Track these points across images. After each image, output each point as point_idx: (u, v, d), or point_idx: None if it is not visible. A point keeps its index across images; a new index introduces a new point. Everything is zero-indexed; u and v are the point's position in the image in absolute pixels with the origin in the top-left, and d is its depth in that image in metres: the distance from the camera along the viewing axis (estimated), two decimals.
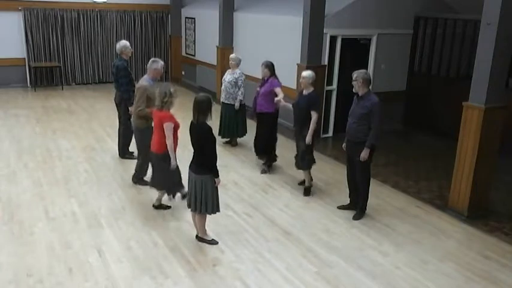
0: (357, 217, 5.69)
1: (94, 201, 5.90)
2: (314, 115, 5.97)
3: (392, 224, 5.61)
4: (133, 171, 6.46)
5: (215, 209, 4.88)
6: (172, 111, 5.36)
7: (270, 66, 6.93)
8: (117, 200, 5.94)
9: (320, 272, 4.55)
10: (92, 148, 7.89)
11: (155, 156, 5.49)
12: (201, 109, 4.64)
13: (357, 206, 5.76)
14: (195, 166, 4.78)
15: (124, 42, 7.16)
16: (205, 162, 4.70)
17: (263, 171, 7.11)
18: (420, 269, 4.66)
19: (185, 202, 5.06)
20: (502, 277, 4.58)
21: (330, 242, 5.14)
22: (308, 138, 6.03)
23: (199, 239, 5.01)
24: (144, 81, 6.05)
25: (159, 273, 4.44)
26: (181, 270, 4.50)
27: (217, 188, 4.83)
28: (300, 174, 6.62)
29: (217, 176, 4.75)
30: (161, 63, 6.10)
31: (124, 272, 4.44)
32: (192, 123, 4.75)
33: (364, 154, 5.39)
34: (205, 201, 4.77)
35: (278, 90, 6.81)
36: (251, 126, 7.86)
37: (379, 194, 6.39)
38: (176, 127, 5.31)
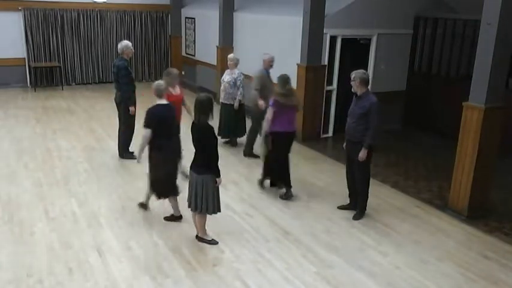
0: (357, 217, 5.69)
1: (94, 201, 5.90)
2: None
3: (392, 224, 5.61)
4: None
5: (216, 209, 4.88)
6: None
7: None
8: (117, 200, 5.95)
9: (320, 272, 4.55)
10: (92, 148, 7.89)
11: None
12: (203, 109, 4.65)
13: (357, 206, 5.76)
14: (196, 166, 4.78)
15: (126, 42, 7.17)
16: (206, 162, 4.71)
17: None
18: (420, 269, 4.67)
19: (184, 201, 5.06)
20: (502, 277, 4.58)
21: (330, 242, 5.14)
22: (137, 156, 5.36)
23: (199, 239, 5.01)
24: (259, 72, 7.31)
25: (159, 273, 4.44)
26: (181, 270, 4.51)
27: (218, 188, 4.84)
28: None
29: (219, 175, 4.76)
30: (270, 55, 7.46)
31: (124, 272, 4.44)
32: (193, 123, 4.76)
33: (362, 154, 5.39)
34: (206, 201, 4.78)
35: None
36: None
37: (379, 194, 6.39)
38: None
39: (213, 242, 4.98)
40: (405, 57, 9.56)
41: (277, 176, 6.31)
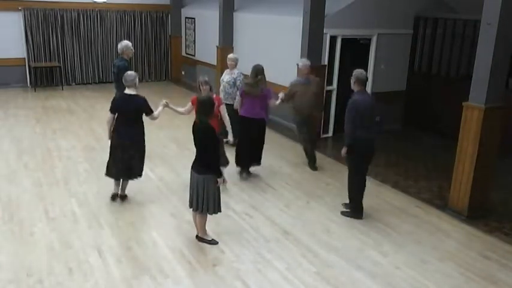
0: (343, 212, 5.74)
1: (94, 201, 5.90)
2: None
3: (393, 224, 5.61)
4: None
5: (216, 209, 4.88)
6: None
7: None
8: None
9: (320, 272, 4.55)
10: (92, 148, 7.88)
11: None
12: (204, 109, 4.68)
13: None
14: (197, 166, 4.78)
15: (126, 43, 7.17)
16: (208, 162, 4.71)
17: None
18: (420, 269, 4.67)
19: (187, 201, 5.06)
20: (502, 277, 4.58)
21: (330, 242, 5.14)
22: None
23: (199, 239, 5.01)
24: (296, 80, 7.06)
25: (159, 273, 4.44)
26: (181, 270, 4.51)
27: (219, 188, 4.84)
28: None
29: (220, 176, 4.77)
30: (304, 62, 6.96)
31: (124, 272, 4.44)
32: (195, 123, 4.78)
33: (342, 151, 5.52)
34: (206, 201, 4.78)
35: None
36: None
37: (379, 194, 6.39)
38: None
39: (213, 242, 4.98)
40: (405, 57, 9.55)
41: (245, 159, 6.76)
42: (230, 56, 7.98)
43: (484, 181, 5.74)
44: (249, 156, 6.75)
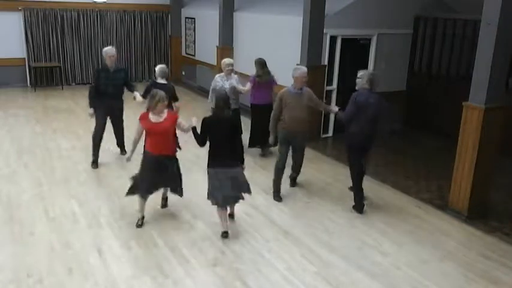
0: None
1: (94, 201, 5.90)
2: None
3: (393, 224, 5.61)
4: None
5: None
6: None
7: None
8: (117, 200, 5.94)
9: (320, 272, 4.55)
10: None
11: (173, 160, 5.37)
12: (228, 104, 4.97)
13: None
14: (230, 161, 4.92)
15: (105, 48, 7.16)
16: (238, 154, 4.96)
17: None
18: (420, 269, 4.67)
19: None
20: (502, 277, 4.58)
21: (330, 242, 5.14)
22: None
23: (226, 235, 5.07)
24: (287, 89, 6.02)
25: (159, 273, 4.44)
26: (181, 270, 4.51)
27: None
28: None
29: (243, 162, 5.09)
30: (302, 69, 5.93)
31: (124, 272, 4.44)
32: (215, 119, 4.96)
33: None
34: (247, 187, 5.11)
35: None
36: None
37: (379, 194, 6.39)
38: None
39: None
40: (405, 57, 9.55)
41: (258, 140, 7.67)
42: (228, 61, 7.53)
43: (484, 181, 5.74)
44: (262, 137, 7.38)
